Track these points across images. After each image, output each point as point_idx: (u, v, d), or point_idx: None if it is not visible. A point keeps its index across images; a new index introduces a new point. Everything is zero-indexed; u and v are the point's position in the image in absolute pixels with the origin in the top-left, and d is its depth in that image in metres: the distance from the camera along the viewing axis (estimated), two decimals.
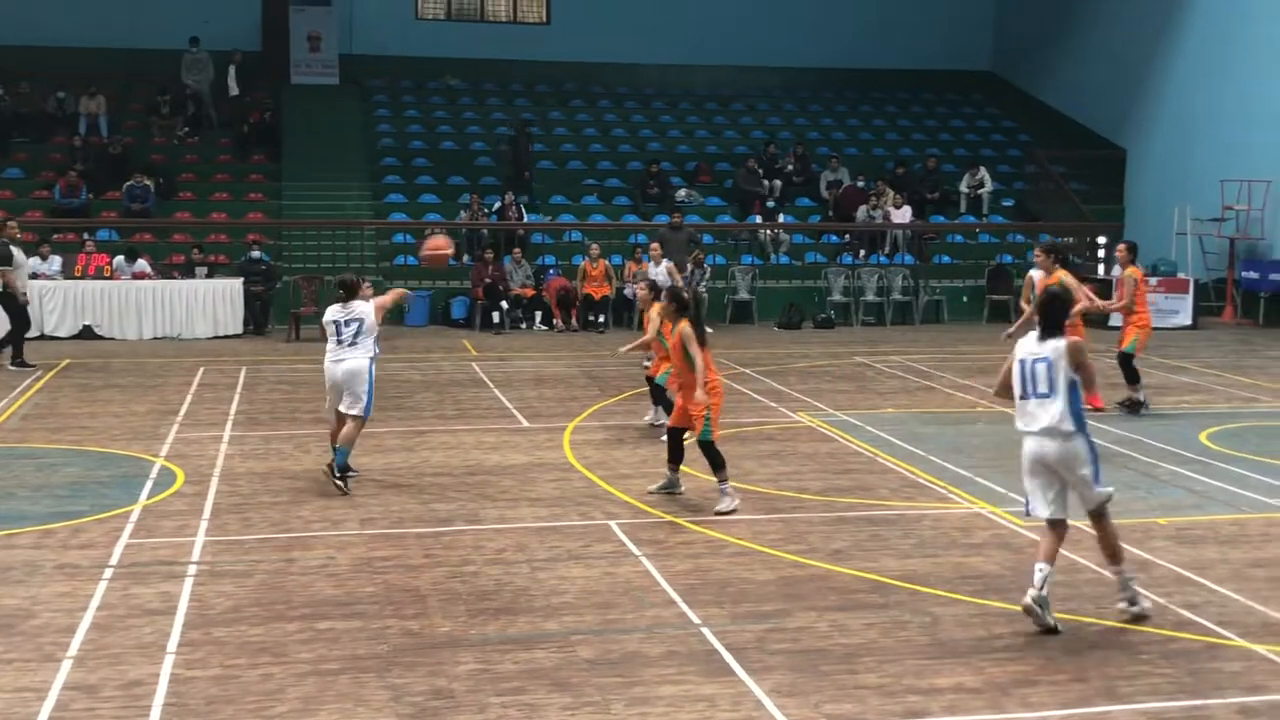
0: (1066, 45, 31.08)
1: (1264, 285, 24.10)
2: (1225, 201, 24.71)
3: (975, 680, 7.08)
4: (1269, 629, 7.93)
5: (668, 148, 29.90)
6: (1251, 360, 19.82)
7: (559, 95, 31.81)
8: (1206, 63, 26.19)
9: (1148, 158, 28.20)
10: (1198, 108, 26.41)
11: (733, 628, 7.85)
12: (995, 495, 11.18)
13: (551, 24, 32.27)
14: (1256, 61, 24.78)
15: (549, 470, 12.08)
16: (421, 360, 19.10)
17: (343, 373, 11.35)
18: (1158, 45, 27.62)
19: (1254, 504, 11.01)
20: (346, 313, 11.47)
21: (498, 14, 32.50)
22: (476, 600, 8.36)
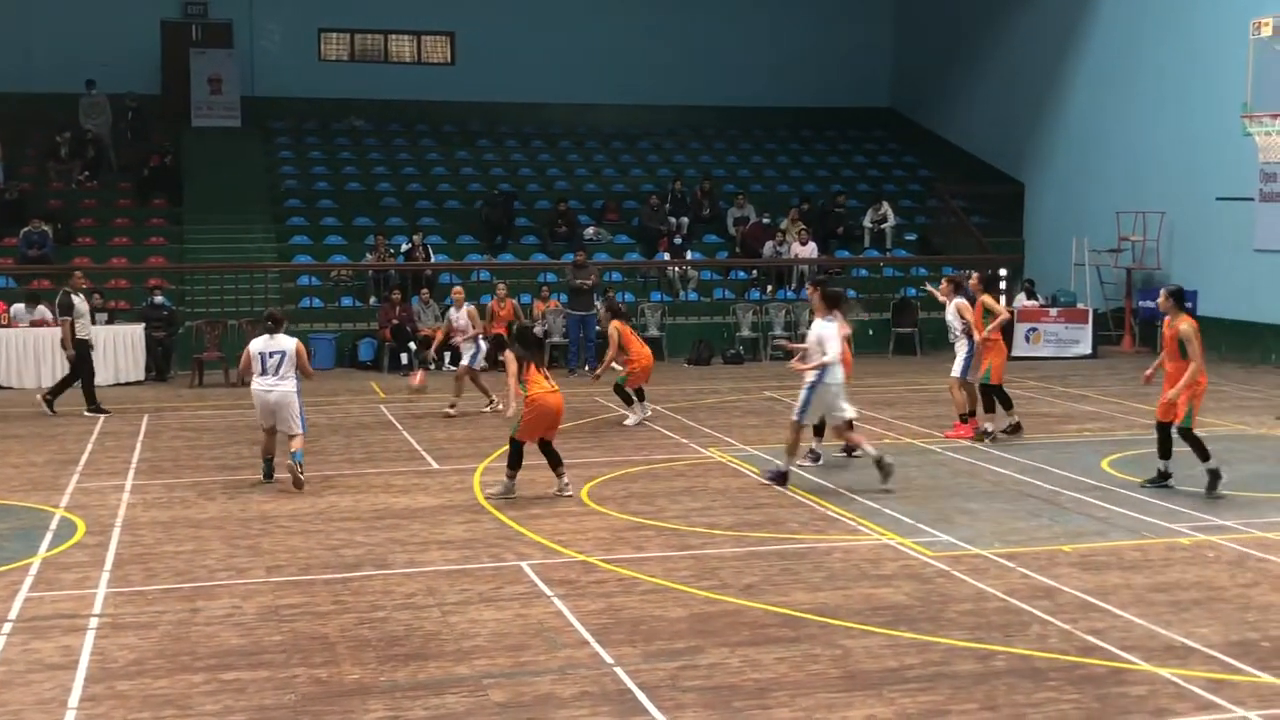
0: (964, 83, 31.70)
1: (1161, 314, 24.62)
2: (1121, 232, 25.29)
3: (886, 711, 7.12)
4: (1172, 652, 8.07)
5: (575, 186, 29.99)
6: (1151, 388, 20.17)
7: (465, 135, 31.79)
8: (1100, 98, 26.85)
9: (1045, 191, 28.80)
10: (1092, 142, 27.04)
11: (645, 666, 7.83)
12: (904, 526, 11.29)
13: (456, 64, 32.27)
14: (1148, 97, 25.44)
15: (459, 512, 11.99)
16: (328, 404, 18.90)
17: (273, 401, 12.95)
18: (1052, 82, 28.27)
19: (1155, 529, 11.22)
20: (272, 345, 12.97)
21: (402, 55, 32.45)
22: (386, 646, 8.26)
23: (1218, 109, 22.88)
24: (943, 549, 10.55)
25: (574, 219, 27.58)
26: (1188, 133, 24.23)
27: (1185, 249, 24.70)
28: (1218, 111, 22.89)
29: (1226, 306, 23.64)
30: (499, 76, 31.55)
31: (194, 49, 29.67)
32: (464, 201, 28.82)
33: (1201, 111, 23.71)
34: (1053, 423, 16.99)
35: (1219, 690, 7.42)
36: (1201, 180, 23.85)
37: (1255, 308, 22.60)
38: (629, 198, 29.52)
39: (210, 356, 21.71)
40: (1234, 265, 23.30)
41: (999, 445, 15.19)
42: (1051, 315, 24.89)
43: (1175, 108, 24.63)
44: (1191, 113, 24.08)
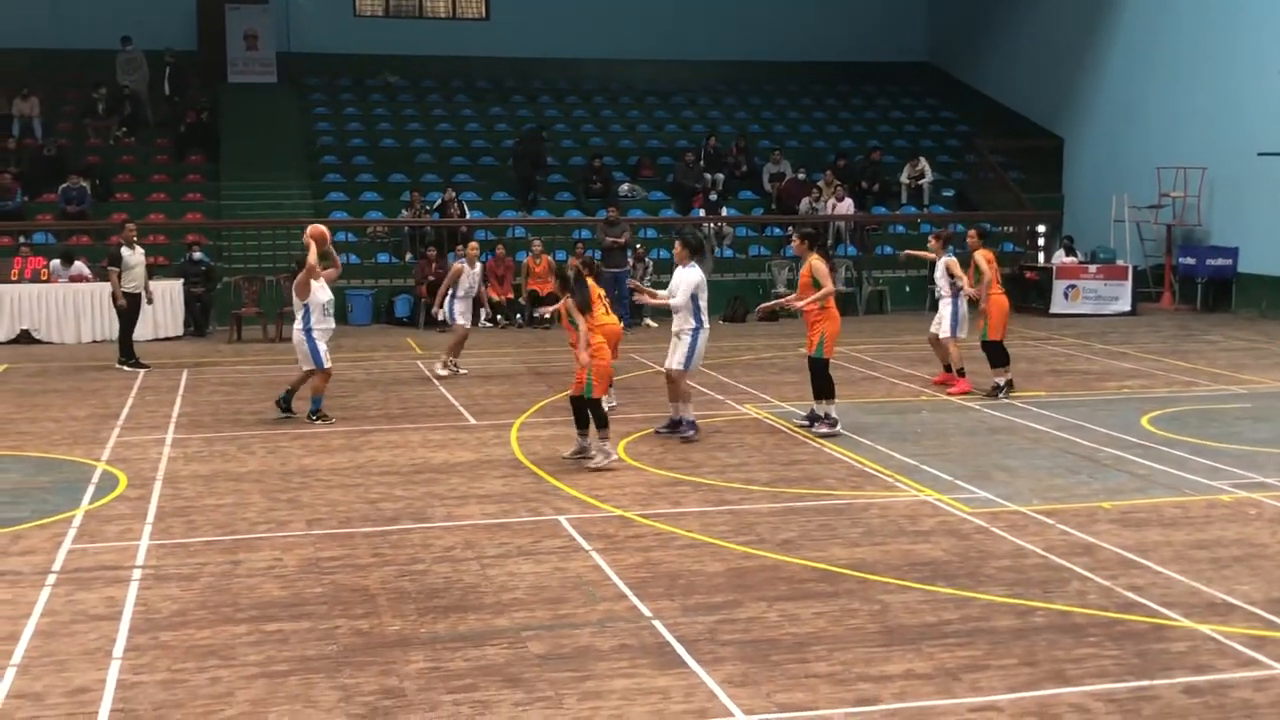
0: (1001, 35, 31.36)
1: (1201, 271, 24.44)
2: (1162, 189, 25.02)
3: (925, 666, 7.12)
4: (1213, 609, 8.03)
5: (610, 143, 29.89)
6: (1190, 345, 20.09)
7: (499, 91, 31.70)
8: (1140, 51, 26.52)
9: (1085, 146, 28.51)
10: (1133, 96, 26.73)
11: (684, 620, 7.85)
12: (941, 483, 11.26)
13: (491, 19, 32.16)
14: (1188, 51, 25.10)
15: (497, 467, 12.03)
16: (365, 359, 18.98)
17: (294, 342, 14.22)
18: (1091, 35, 27.93)
19: (1195, 486, 11.15)
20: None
21: (437, 10, 32.35)
22: (426, 598, 8.31)
23: (1259, 63, 22.59)
24: (981, 505, 10.52)
25: (608, 175, 27.49)
26: (1228, 87, 23.91)
27: (1226, 205, 24.44)
28: (1258, 66, 22.60)
29: (1268, 263, 23.41)
30: (533, 32, 31.42)
31: (229, 4, 29.66)
32: (498, 158, 28.78)
33: (1242, 66, 23.40)
34: (1092, 380, 16.88)
35: (1260, 647, 7.38)
36: (1243, 135, 23.55)
37: None
38: (664, 154, 29.40)
39: (248, 312, 21.82)
40: (1276, 221, 23.03)
41: (1037, 403, 15.11)
42: (1090, 272, 24.69)
43: (1216, 62, 24.30)
44: (1232, 67, 23.75)
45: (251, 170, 26.64)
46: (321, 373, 14.18)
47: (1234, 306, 24.15)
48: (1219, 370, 17.35)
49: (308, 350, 14.00)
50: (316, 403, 14.25)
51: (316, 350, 14.02)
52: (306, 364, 14.13)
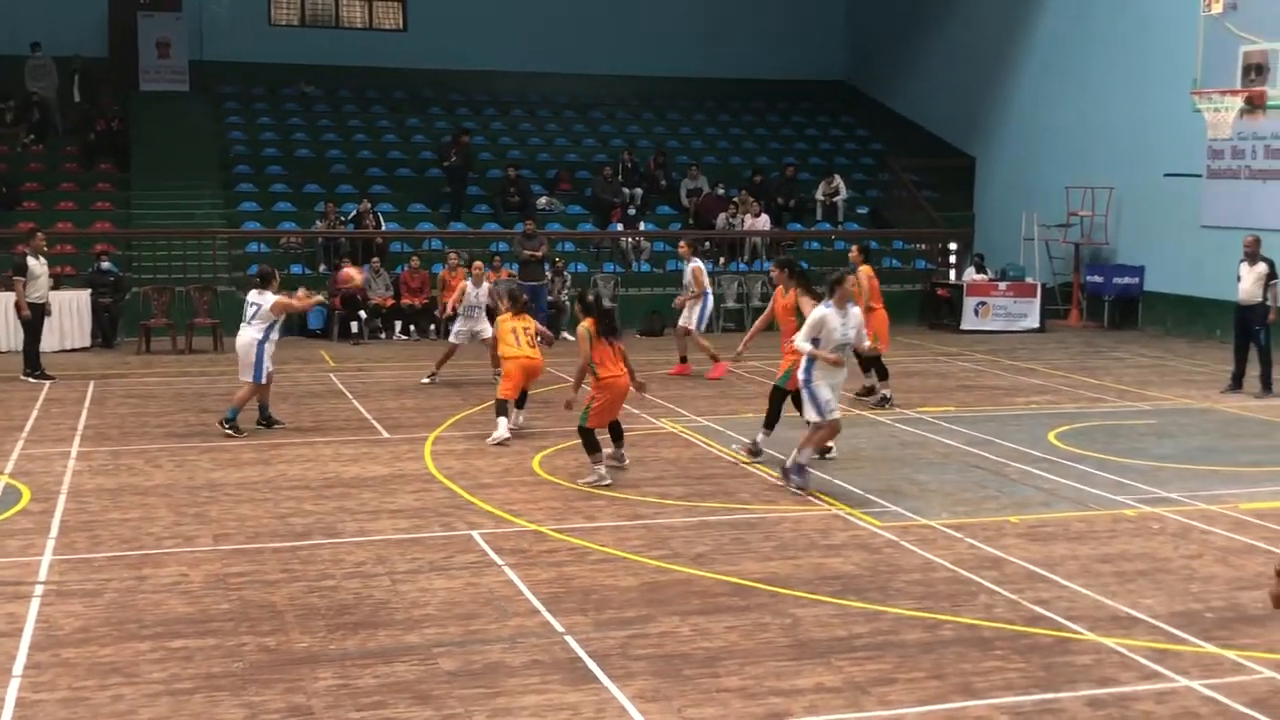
0: (916, 56, 31.79)
1: (1108, 289, 24.89)
2: (1070, 208, 25.47)
3: (835, 680, 7.17)
4: (1117, 622, 8.17)
5: (528, 156, 29.84)
6: (1097, 361, 20.45)
7: (416, 103, 31.53)
8: (1050, 73, 26.99)
9: (996, 166, 28.96)
10: (1043, 117, 27.20)
11: (596, 635, 7.84)
12: (853, 497, 11.35)
13: (409, 31, 32.00)
14: (1098, 72, 25.59)
15: (410, 481, 11.94)
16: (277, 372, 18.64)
17: (240, 344, 14.15)
18: (1003, 56, 28.39)
19: (1101, 501, 11.35)
20: (257, 297, 14.13)
21: (353, 20, 32.13)
22: (335, 615, 8.22)
23: (1167, 85, 23.07)
24: (891, 520, 10.63)
25: (526, 188, 27.45)
26: (1137, 109, 24.41)
27: (1133, 225, 24.94)
28: (1167, 88, 23.08)
29: (1173, 282, 23.91)
30: (451, 43, 31.30)
31: (141, 12, 29.19)
32: (415, 169, 28.61)
33: (1151, 88, 23.90)
34: (1001, 395, 17.12)
35: (1163, 660, 7.52)
36: (1150, 156, 24.05)
37: (1201, 283, 22.84)
38: (582, 168, 29.42)
39: (157, 323, 21.49)
40: (1181, 241, 23.53)
41: (948, 418, 15.30)
42: (1000, 289, 25.07)
43: (1125, 84, 24.80)
44: (1141, 89, 24.25)
45: (163, 179, 26.24)
46: (255, 386, 14.16)
47: (1140, 324, 24.63)
48: (1125, 387, 17.68)
49: (254, 361, 13.96)
50: (233, 412, 14.11)
51: (263, 364, 14.03)
52: (246, 375, 14.08)
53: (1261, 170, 21.83)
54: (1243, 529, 10.38)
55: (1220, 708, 6.84)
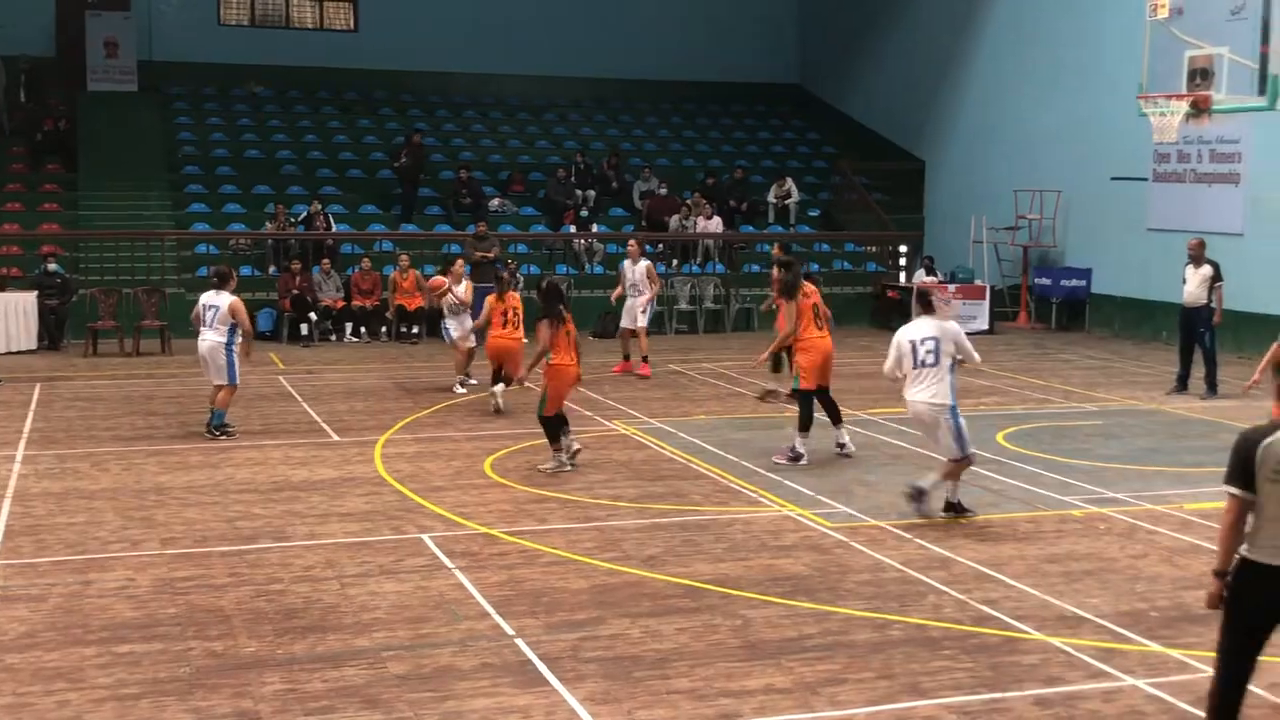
0: (867, 61, 31.95)
1: (1056, 291, 25.11)
2: (1019, 211, 25.68)
3: (785, 680, 7.19)
4: (1064, 622, 8.24)
5: (480, 157, 29.75)
6: (1045, 363, 20.62)
7: (368, 103, 31.38)
8: (999, 77, 27.21)
9: (945, 169, 29.16)
10: (991, 121, 27.41)
11: (547, 637, 7.83)
12: (804, 498, 11.40)
13: (360, 31, 31.83)
14: (1045, 77, 25.81)
15: (359, 484, 11.89)
16: None
17: (203, 351, 14.01)
18: (952, 60, 28.58)
19: (1048, 501, 11.45)
20: (213, 299, 13.97)
21: (304, 20, 31.93)
22: (284, 619, 8.17)
23: (1114, 90, 23.30)
24: (841, 520, 10.68)
25: (479, 189, 27.37)
26: (1084, 113, 24.64)
27: (1081, 228, 25.17)
28: (1114, 92, 23.31)
29: (1120, 284, 24.14)
30: (403, 44, 31.16)
31: (89, 11, 28.86)
32: (366, 170, 28.47)
33: (1098, 92, 24.13)
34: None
35: (1109, 659, 7.60)
36: (1097, 160, 24.28)
37: (1148, 286, 23.08)
38: (535, 169, 29.37)
39: (105, 325, 21.26)
40: (1127, 244, 23.77)
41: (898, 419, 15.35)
42: (950, 291, 25.22)
43: (1072, 88, 25.03)
44: (1088, 93, 24.49)
45: (110, 180, 25.97)
46: (232, 388, 14.14)
47: (1088, 326, 24.85)
48: (1072, 388, 17.84)
49: (225, 364, 13.94)
50: (220, 416, 14.10)
51: (235, 364, 14.03)
52: (221, 379, 13.99)
53: (1207, 174, 22.09)
54: (1188, 529, 10.49)
55: (1165, 706, 6.91)
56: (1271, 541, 5.60)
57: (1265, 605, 5.65)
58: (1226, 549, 5.74)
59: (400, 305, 22.91)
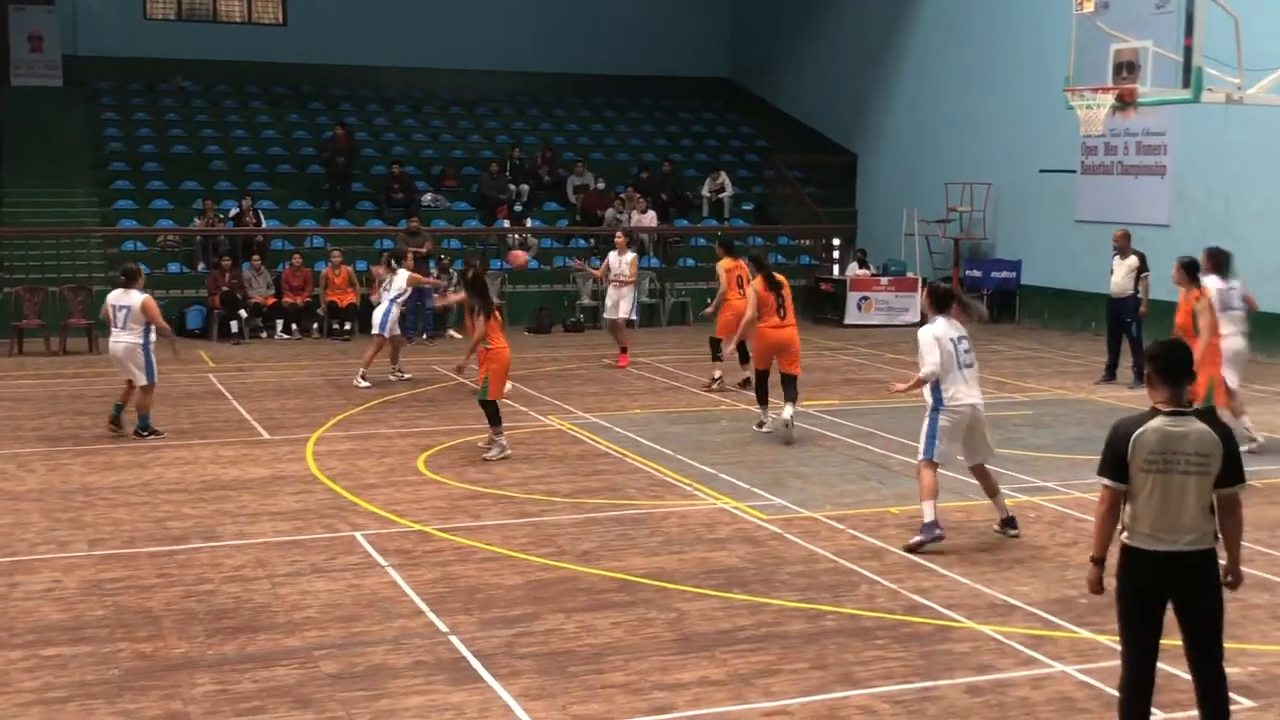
0: (798, 54, 32.08)
1: (987, 283, 25.34)
2: (950, 203, 25.89)
3: (719, 672, 7.21)
4: (994, 610, 8.33)
5: (412, 152, 29.56)
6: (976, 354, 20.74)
7: (297, 98, 31.08)
8: (929, 71, 27.41)
9: (877, 162, 29.34)
10: (922, 115, 27.61)
11: (481, 634, 7.80)
12: (739, 491, 11.43)
13: (289, 25, 31.52)
14: (975, 70, 26.04)
15: (291, 483, 11.77)
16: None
17: (119, 352, 13.59)
18: (883, 54, 28.76)
19: (978, 490, 11.47)
20: (123, 299, 13.64)
21: (231, 14, 31.57)
22: (214, 619, 8.08)
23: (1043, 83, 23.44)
24: (776, 512, 10.72)
25: (410, 184, 27.21)
26: (1013, 106, 24.88)
27: (1010, 220, 25.43)
28: (1043, 85, 23.46)
29: (1049, 276, 24.42)
30: (333, 38, 30.88)
31: (13, 5, 28.39)
32: (296, 165, 28.21)
33: (1027, 85, 24.34)
34: (883, 389, 17.30)
35: (1039, 646, 7.68)
36: (1026, 153, 24.54)
37: (1076, 276, 23.34)
38: (467, 164, 29.24)
39: (30, 324, 20.91)
40: (1056, 235, 24.05)
41: (831, 411, 15.47)
42: (883, 284, 25.42)
43: (1002, 81, 25.26)
44: (1018, 86, 24.71)
45: (35, 176, 25.54)
46: (151, 385, 13.83)
47: (1018, 317, 25.12)
48: (1003, 379, 18.02)
49: (144, 364, 13.59)
50: (144, 419, 13.79)
51: (153, 363, 13.72)
52: (141, 378, 13.61)
53: (1133, 166, 22.41)
54: None
55: (1094, 692, 7.00)
56: (1145, 527, 5.76)
57: (1150, 588, 5.81)
58: (1102, 536, 5.96)
59: (332, 301, 22.73)
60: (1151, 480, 5.71)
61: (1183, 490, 5.69)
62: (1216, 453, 5.69)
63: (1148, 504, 5.73)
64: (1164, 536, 5.73)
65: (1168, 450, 5.69)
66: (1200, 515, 5.73)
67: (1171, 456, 5.68)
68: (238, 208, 24.61)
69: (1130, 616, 5.89)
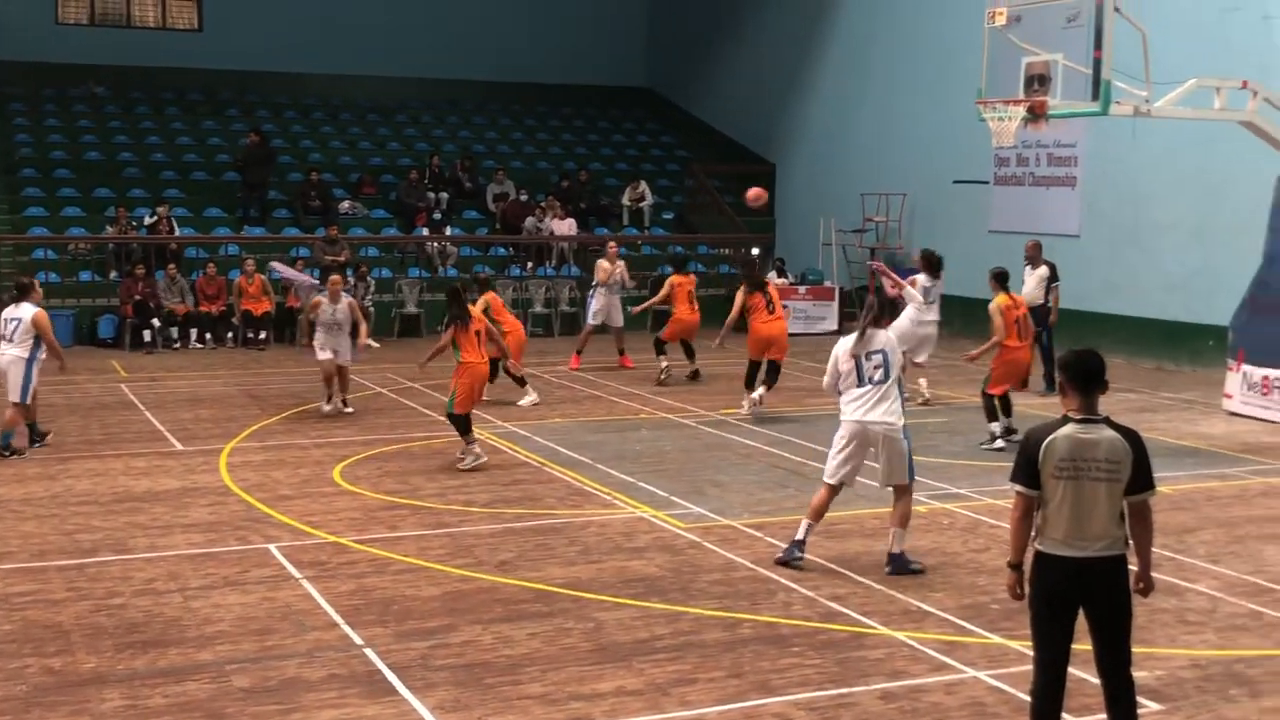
0: (718, 65, 32.25)
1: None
2: (866, 213, 26.16)
3: (636, 682, 7.22)
4: (909, 616, 8.41)
5: (329, 159, 29.32)
6: None
7: (213, 104, 30.70)
8: (846, 82, 27.68)
9: (795, 172, 29.56)
10: (839, 125, 27.87)
11: (397, 646, 7.75)
12: (658, 499, 11.46)
13: (204, 31, 31.13)
14: (891, 82, 26.33)
15: (204, 495, 11.62)
16: (66, 383, 17.98)
17: (4, 363, 13.20)
18: (801, 65, 28.99)
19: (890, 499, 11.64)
20: (13, 312, 13.35)
21: (145, 20, 31.12)
22: (124, 633, 7.95)
23: (957, 94, 23.78)
24: (694, 521, 10.76)
25: (328, 192, 26.98)
26: (929, 117, 25.18)
27: (925, 229, 25.69)
28: (957, 97, 23.78)
29: (963, 285, 24.64)
30: (249, 44, 30.55)
31: None
32: (211, 173, 27.85)
33: (942, 96, 24.64)
34: (801, 396, 17.47)
35: (951, 652, 7.77)
36: (941, 163, 24.84)
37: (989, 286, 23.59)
38: (386, 171, 29.05)
39: None
40: (970, 245, 24.33)
41: (753, 420, 15.55)
42: (800, 293, 25.59)
43: (917, 93, 25.56)
44: (932, 97, 25.01)
45: None
46: (22, 408, 13.29)
47: None
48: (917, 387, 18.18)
49: (22, 381, 13.12)
50: (6, 438, 13.22)
51: (30, 383, 13.23)
52: (14, 395, 13.12)
53: (1044, 177, 22.77)
54: None
55: (1005, 696, 7.09)
56: (1057, 534, 5.86)
57: (1062, 593, 5.91)
58: (1017, 542, 6.06)
59: (247, 310, 22.47)
60: (1063, 487, 5.80)
61: (1094, 497, 5.78)
62: (1127, 460, 5.79)
63: (1059, 510, 5.82)
64: (1075, 543, 5.82)
65: (1079, 457, 5.78)
66: (1111, 522, 5.83)
67: (1082, 464, 5.78)
68: (152, 215, 24.26)
69: (1042, 622, 5.98)
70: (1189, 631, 8.20)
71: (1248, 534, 10.60)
